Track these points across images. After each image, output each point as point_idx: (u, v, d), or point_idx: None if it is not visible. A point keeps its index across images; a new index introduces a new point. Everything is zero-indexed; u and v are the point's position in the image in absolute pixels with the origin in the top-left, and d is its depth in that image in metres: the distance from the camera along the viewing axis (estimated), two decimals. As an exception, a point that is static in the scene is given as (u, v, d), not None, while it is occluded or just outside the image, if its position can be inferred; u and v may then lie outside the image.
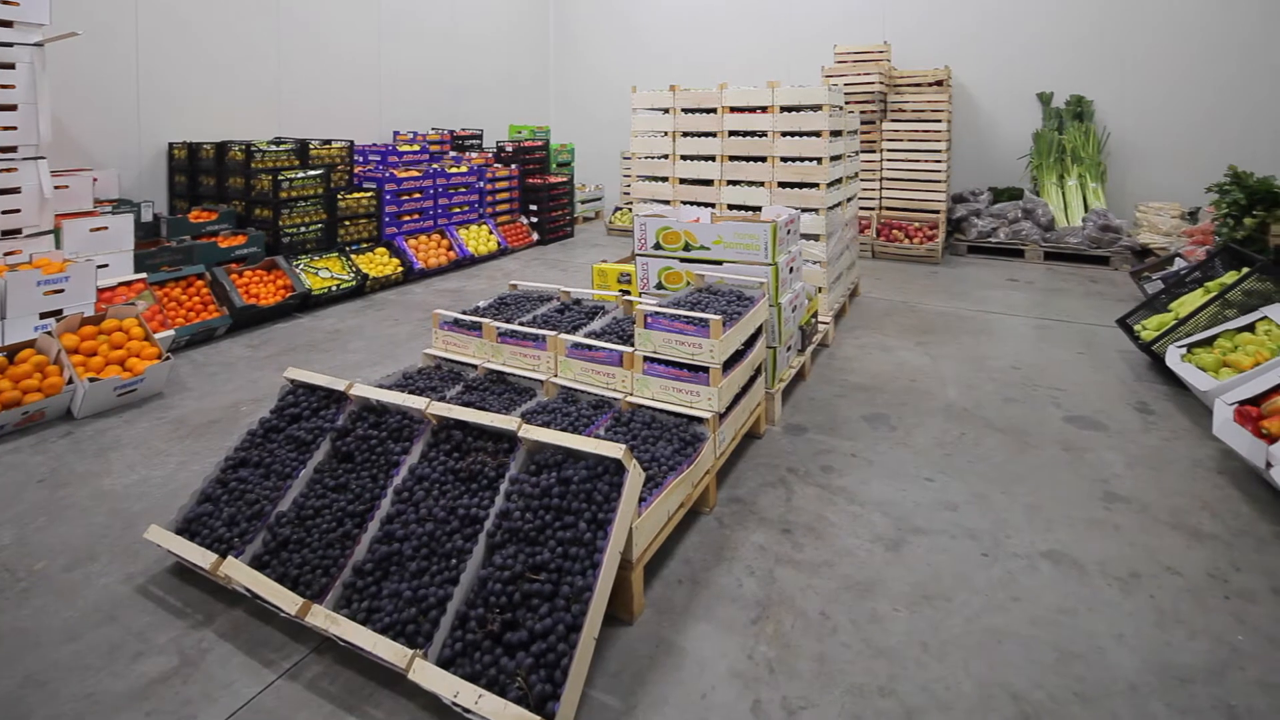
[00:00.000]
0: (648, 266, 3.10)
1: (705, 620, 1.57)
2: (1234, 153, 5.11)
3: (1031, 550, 1.84)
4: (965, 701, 1.36)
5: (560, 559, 1.52)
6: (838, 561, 1.79)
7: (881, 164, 6.53)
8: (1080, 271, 5.41)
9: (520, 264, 5.72)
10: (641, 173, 4.37)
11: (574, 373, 2.43)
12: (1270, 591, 1.67)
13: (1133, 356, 3.36)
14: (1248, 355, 2.70)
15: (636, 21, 8.80)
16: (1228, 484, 2.19)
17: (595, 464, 1.71)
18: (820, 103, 3.82)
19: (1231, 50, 5.95)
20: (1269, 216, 4.06)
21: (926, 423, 2.64)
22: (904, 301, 4.47)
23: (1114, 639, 1.52)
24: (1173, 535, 1.90)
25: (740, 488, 2.18)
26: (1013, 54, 6.81)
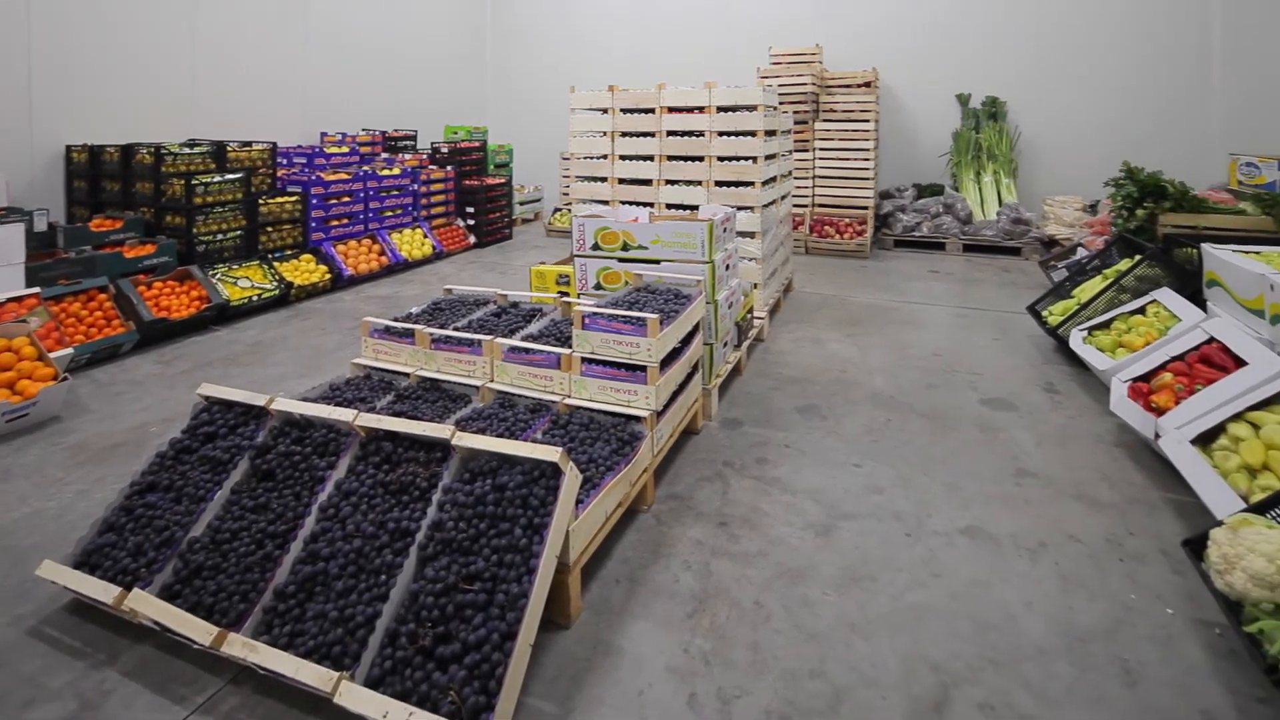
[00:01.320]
0: (586, 267, 3.10)
1: (643, 618, 1.59)
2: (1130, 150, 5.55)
3: (951, 528, 1.95)
4: (890, 677, 1.42)
5: (495, 567, 1.51)
6: (772, 550, 1.84)
7: (814, 162, 6.75)
8: (995, 262, 5.75)
9: (456, 268, 5.60)
10: (580, 173, 4.36)
11: (511, 377, 2.40)
12: (1159, 553, 1.83)
13: (1041, 340, 3.60)
14: (1139, 336, 2.93)
15: (576, 21, 8.76)
16: (1123, 455, 2.38)
17: (531, 468, 1.71)
18: (756, 103, 3.91)
19: (1130, 57, 6.46)
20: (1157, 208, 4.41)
21: (855, 411, 2.75)
22: (835, 295, 4.63)
23: (1024, 606, 1.63)
24: (1075, 506, 2.05)
25: (678, 484, 2.21)
26: (935, 57, 7.17)
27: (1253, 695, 1.38)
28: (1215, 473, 1.99)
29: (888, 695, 1.38)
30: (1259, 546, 1.54)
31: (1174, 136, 6.27)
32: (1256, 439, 2.04)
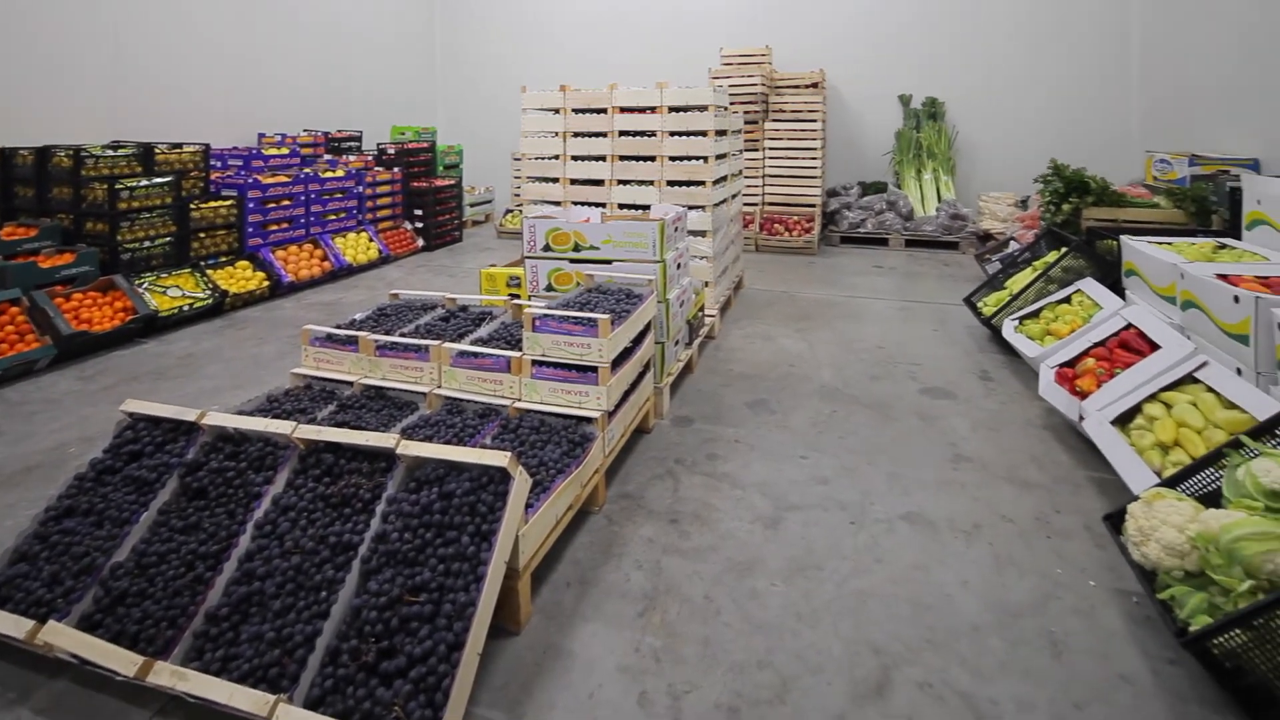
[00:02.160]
0: (537, 269, 3.08)
1: (594, 619, 1.59)
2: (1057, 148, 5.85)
3: (892, 514, 2.01)
4: (834, 662, 1.46)
5: (442, 577, 1.48)
6: (721, 545, 1.87)
7: (764, 161, 6.87)
8: (935, 256, 5.98)
9: (404, 272, 5.48)
10: (532, 174, 4.33)
11: (459, 382, 2.37)
12: (1083, 529, 1.94)
13: (977, 330, 3.77)
14: (1065, 324, 3.09)
15: (527, 21, 8.67)
16: (1051, 438, 2.51)
17: (479, 474, 1.68)
18: (707, 103, 3.96)
19: (1058, 61, 6.80)
20: (1081, 203, 4.65)
21: (803, 404, 2.82)
22: (784, 291, 4.73)
23: (960, 586, 1.70)
24: (1007, 488, 2.16)
25: (629, 483, 2.22)
26: (878, 59, 7.40)
27: (1165, 658, 1.47)
28: (1132, 451, 2.12)
29: (832, 681, 1.41)
30: (1170, 518, 1.65)
31: (1097, 136, 6.65)
32: (1169, 418, 2.18)
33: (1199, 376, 2.25)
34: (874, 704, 1.36)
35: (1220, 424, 2.05)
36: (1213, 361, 2.27)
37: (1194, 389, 2.24)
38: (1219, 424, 2.06)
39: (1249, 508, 1.59)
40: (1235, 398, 2.09)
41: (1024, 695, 1.37)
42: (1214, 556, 1.52)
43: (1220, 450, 1.78)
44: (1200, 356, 2.31)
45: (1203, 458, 1.82)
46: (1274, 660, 1.32)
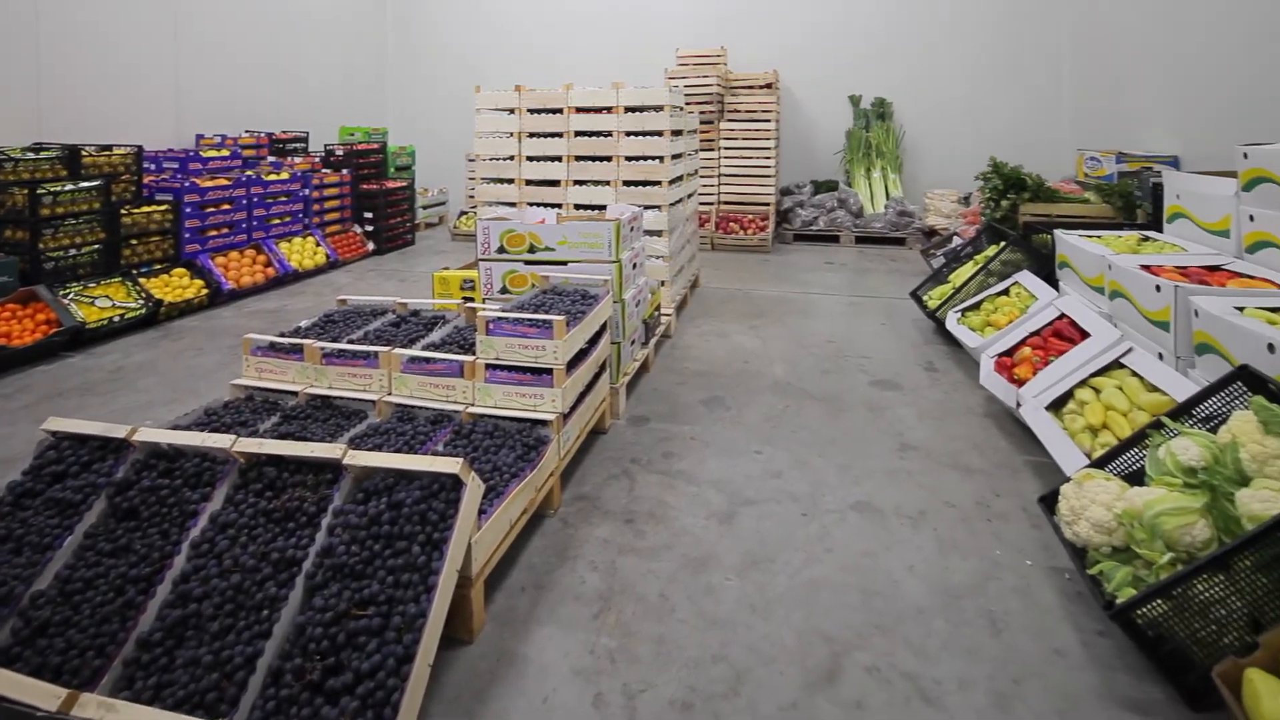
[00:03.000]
0: (491, 271, 3.05)
1: (548, 623, 1.58)
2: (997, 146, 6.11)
3: (843, 504, 2.07)
4: (787, 653, 1.49)
5: (391, 589, 1.45)
6: (676, 542, 1.88)
7: (720, 161, 6.95)
8: (884, 252, 6.16)
9: (353, 277, 5.34)
10: (486, 175, 4.29)
11: (410, 389, 2.33)
12: (1021, 511, 2.03)
13: (923, 323, 3.90)
14: (1004, 315, 3.22)
15: (480, 21, 8.55)
16: (991, 425, 2.62)
17: (430, 482, 1.66)
18: (663, 104, 3.99)
19: (997, 64, 7.12)
20: (1018, 199, 4.85)
21: (757, 400, 2.86)
22: (740, 289, 4.80)
23: (906, 571, 1.75)
24: (951, 474, 2.24)
25: (585, 484, 2.21)
26: (830, 61, 7.60)
27: (1095, 630, 1.55)
28: (1064, 434, 2.23)
29: (785, 671, 1.44)
30: (1099, 497, 1.74)
31: (1033, 135, 6.96)
32: (1098, 402, 2.30)
33: (1125, 362, 2.38)
34: (824, 691, 1.39)
35: (1144, 406, 2.17)
36: (1137, 347, 2.40)
37: (1120, 374, 2.37)
38: (1143, 406, 2.18)
39: (1169, 484, 1.69)
40: (1157, 381, 2.21)
41: (965, 673, 1.43)
42: (1138, 532, 1.61)
43: (1144, 431, 1.88)
44: (1126, 343, 2.44)
45: (1128, 439, 1.92)
46: (1190, 627, 1.40)
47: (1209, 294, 2.29)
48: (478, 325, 2.30)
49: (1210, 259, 2.74)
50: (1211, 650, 1.37)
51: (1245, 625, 1.38)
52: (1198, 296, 2.25)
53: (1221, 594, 1.41)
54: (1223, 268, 2.64)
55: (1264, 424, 1.62)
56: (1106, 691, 1.39)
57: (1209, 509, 1.57)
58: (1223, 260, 2.72)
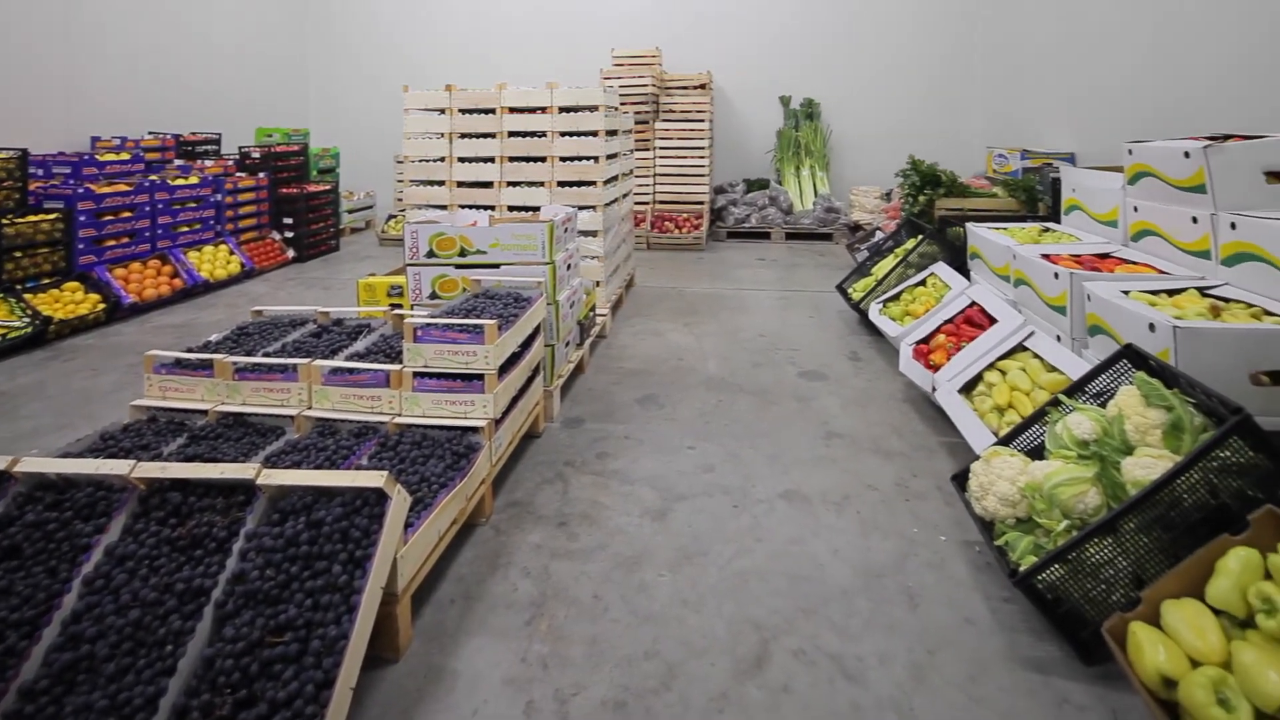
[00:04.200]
0: (420, 276, 2.97)
1: (479, 634, 1.55)
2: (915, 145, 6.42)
3: (772, 494, 2.12)
4: (718, 644, 1.52)
5: (310, 612, 1.39)
6: (610, 542, 1.89)
7: (655, 161, 7.01)
8: (812, 247, 6.37)
9: (271, 286, 5.08)
10: (415, 177, 4.18)
11: (333, 401, 2.24)
12: (936, 489, 2.14)
13: (848, 315, 4.05)
14: (921, 305, 3.39)
15: (409, 18, 8.29)
16: (910, 409, 2.75)
17: (353, 498, 1.60)
18: (597, 104, 3.98)
19: (916, 66, 7.49)
20: (934, 194, 5.11)
21: (690, 396, 2.90)
22: (674, 287, 4.85)
23: (831, 555, 1.82)
24: (873, 458, 2.34)
25: (518, 490, 2.19)
26: (761, 62, 7.80)
27: (1001, 597, 1.65)
28: (974, 415, 2.36)
29: (716, 661, 1.47)
30: (1004, 473, 1.85)
31: (948, 134, 7.35)
32: (1004, 383, 2.45)
33: (1027, 345, 2.54)
34: (753, 678, 1.42)
35: (1044, 386, 2.33)
36: (1038, 331, 2.57)
37: (1024, 356, 2.53)
38: (1043, 386, 2.33)
39: (1065, 457, 1.81)
40: (1056, 361, 2.37)
41: (885, 649, 1.49)
42: (1038, 503, 1.72)
43: (1043, 409, 2.01)
44: (1029, 327, 2.61)
45: (1030, 416, 2.06)
46: (1084, 588, 1.51)
47: (1099, 279, 2.47)
48: (405, 332, 2.24)
49: (1101, 247, 2.96)
50: (1101, 608, 1.48)
51: (1130, 583, 1.50)
52: (1090, 282, 2.42)
53: (1110, 555, 1.53)
54: (1112, 255, 2.85)
55: (1145, 397, 1.76)
56: (1011, 654, 1.48)
57: (1099, 478, 1.69)
58: (1112, 248, 2.94)
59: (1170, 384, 1.75)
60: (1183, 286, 2.31)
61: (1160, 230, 2.69)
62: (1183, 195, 2.52)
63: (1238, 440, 1.52)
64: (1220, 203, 2.35)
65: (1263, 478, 1.53)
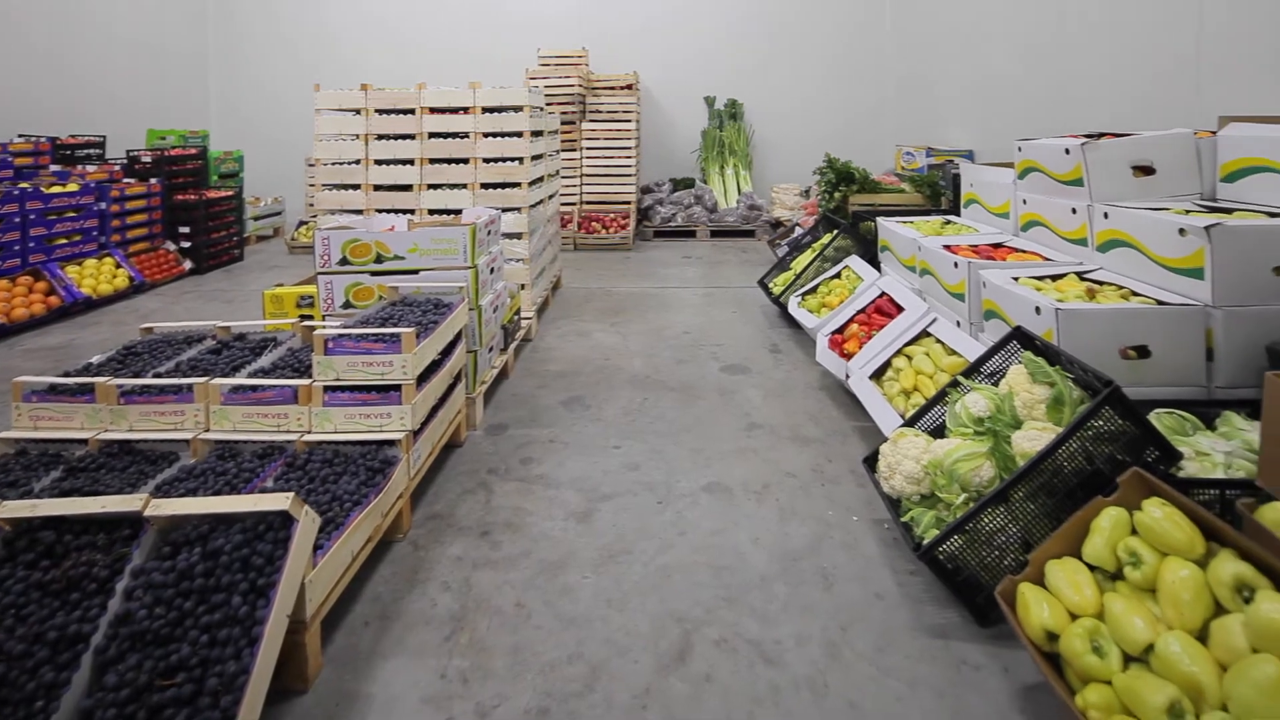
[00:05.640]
0: (332, 285, 2.85)
1: (395, 655, 1.50)
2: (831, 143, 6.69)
3: (695, 488, 2.16)
4: (641, 640, 1.53)
5: (206, 649, 1.31)
6: (534, 549, 1.86)
7: (582, 161, 6.98)
8: (736, 244, 6.53)
9: (165, 301, 4.72)
10: (328, 181, 4.00)
11: (234, 422, 2.11)
12: (849, 473, 2.23)
13: (769, 309, 4.17)
14: (836, 297, 3.52)
15: (321, 14, 7.89)
16: (826, 397, 2.86)
17: (255, 523, 1.51)
18: (522, 104, 3.93)
19: (832, 68, 7.81)
20: (848, 190, 5.34)
21: (616, 396, 2.91)
22: (601, 287, 4.85)
23: (752, 543, 1.86)
24: (791, 446, 2.41)
25: (439, 502, 2.13)
26: (686, 63, 7.92)
27: (907, 571, 1.74)
28: (883, 399, 2.48)
29: (639, 658, 1.47)
30: (910, 452, 1.94)
31: (861, 133, 7.70)
32: (910, 368, 2.58)
33: (931, 331, 2.69)
34: (676, 671, 1.44)
35: (945, 369, 2.47)
36: (941, 318, 2.72)
37: (928, 341, 2.68)
38: (944, 369, 2.48)
39: (963, 434, 1.93)
40: (955, 345, 2.52)
41: (802, 630, 1.54)
42: (939, 479, 1.82)
43: (944, 390, 2.13)
44: (932, 315, 2.76)
45: (932, 398, 2.17)
46: (979, 555, 1.61)
47: (993, 268, 2.64)
48: (315, 345, 2.14)
49: (995, 238, 3.17)
50: (995, 572, 1.58)
51: (1020, 547, 1.61)
52: (985, 270, 2.59)
53: (1002, 523, 1.64)
54: (1004, 244, 3.05)
55: (1031, 375, 1.90)
56: (916, 623, 1.56)
57: (993, 452, 1.81)
58: (1004, 238, 3.15)
59: (1053, 362, 1.89)
60: (1064, 272, 2.50)
61: (1045, 221, 2.90)
62: (1064, 188, 2.73)
63: (1109, 410, 1.65)
64: (1095, 195, 2.56)
65: (1130, 442, 1.68)
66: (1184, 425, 1.83)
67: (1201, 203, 2.47)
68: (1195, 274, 2.07)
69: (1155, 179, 2.53)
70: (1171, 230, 2.14)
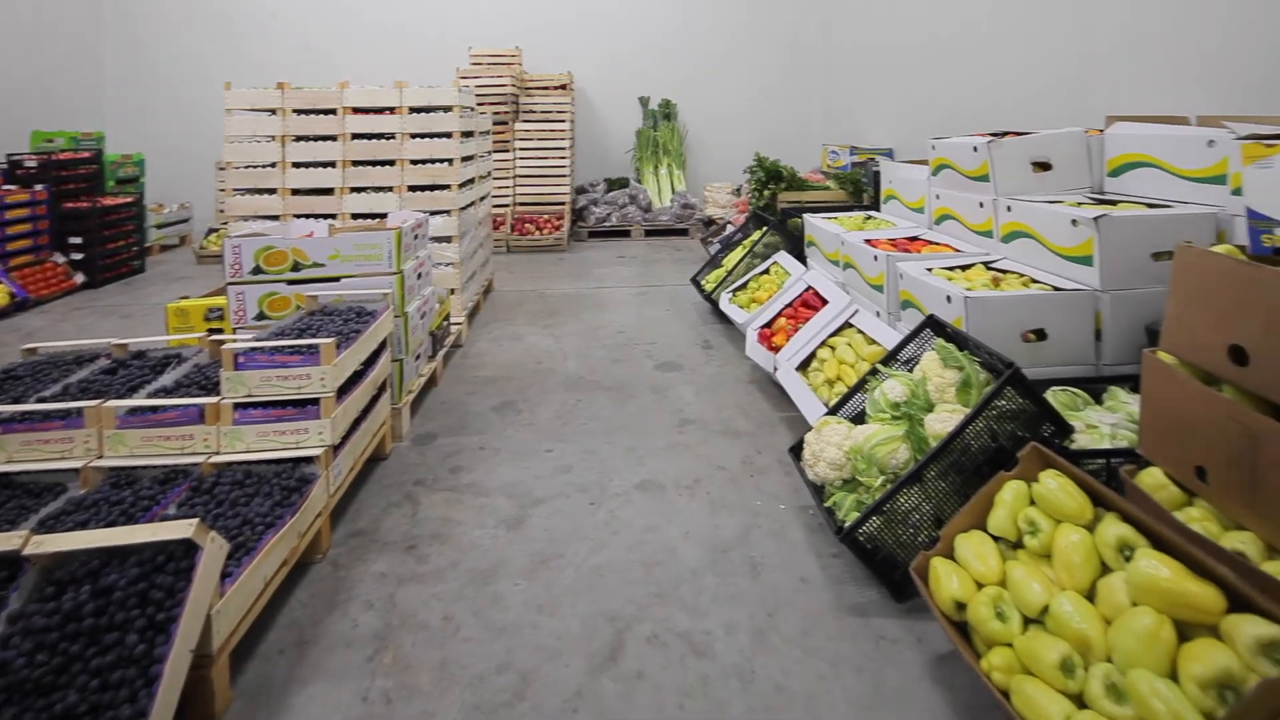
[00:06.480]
0: (244, 296, 2.70)
1: (313, 681, 1.43)
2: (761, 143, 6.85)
3: (628, 486, 2.16)
4: (573, 643, 1.51)
5: (97, 694, 1.22)
6: (463, 559, 1.82)
7: (515, 162, 6.87)
8: (670, 243, 6.59)
9: (52, 319, 4.35)
10: (240, 185, 3.79)
11: (131, 447, 1.97)
12: (777, 462, 2.28)
13: (702, 306, 4.23)
14: (766, 292, 3.61)
15: (236, 5, 7.42)
16: (755, 390, 2.92)
17: (154, 555, 1.41)
18: (452, 104, 3.82)
19: (763, 69, 7.96)
20: (777, 188, 5.46)
21: (549, 399, 2.88)
22: (535, 290, 4.80)
23: (683, 538, 1.88)
24: (722, 440, 2.45)
25: (361, 518, 2.04)
26: (621, 63, 7.90)
27: (830, 554, 1.80)
28: (809, 389, 2.55)
29: (570, 662, 1.46)
30: (833, 439, 2.01)
31: (790, 132, 7.92)
32: (833, 358, 2.67)
33: (853, 322, 2.79)
34: (608, 671, 1.43)
35: (866, 358, 2.57)
36: (862, 309, 2.83)
37: (850, 332, 2.77)
38: (865, 358, 2.57)
39: (881, 419, 2.00)
40: (875, 335, 2.62)
41: (731, 619, 1.57)
42: (859, 463, 1.89)
43: (864, 378, 2.21)
44: (854, 306, 2.86)
45: (854, 386, 2.25)
46: (896, 534, 1.68)
47: (909, 260, 2.76)
48: (224, 360, 2.02)
49: (912, 231, 3.31)
50: (910, 549, 1.65)
51: (933, 524, 1.69)
52: (901, 262, 2.70)
53: (916, 502, 1.71)
54: (919, 237, 3.20)
55: (943, 360, 1.99)
56: (839, 604, 1.61)
57: (908, 435, 1.89)
58: (920, 231, 3.30)
59: (962, 347, 1.99)
60: (972, 262, 2.64)
61: (956, 214, 3.06)
62: (972, 184, 2.88)
63: (1011, 390, 1.76)
64: (1000, 189, 2.71)
65: (1029, 419, 1.78)
66: (1076, 401, 1.97)
67: (1091, 195, 2.66)
68: (1086, 261, 2.22)
69: (1052, 174, 2.71)
70: (1065, 221, 2.29)
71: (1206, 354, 1.36)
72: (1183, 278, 1.44)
